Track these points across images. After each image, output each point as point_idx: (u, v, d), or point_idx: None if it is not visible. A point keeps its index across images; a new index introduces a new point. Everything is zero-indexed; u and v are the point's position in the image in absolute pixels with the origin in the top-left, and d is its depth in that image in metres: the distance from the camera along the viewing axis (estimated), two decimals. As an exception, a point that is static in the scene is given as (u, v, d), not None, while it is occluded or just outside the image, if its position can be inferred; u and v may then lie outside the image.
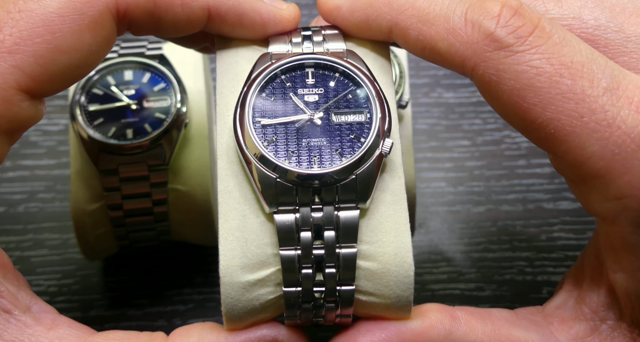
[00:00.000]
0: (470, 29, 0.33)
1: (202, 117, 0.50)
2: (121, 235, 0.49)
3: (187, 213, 0.50)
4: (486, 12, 0.33)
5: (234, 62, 0.37)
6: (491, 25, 0.32)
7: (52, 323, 0.34)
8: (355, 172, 0.33)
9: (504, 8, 0.33)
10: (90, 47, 0.34)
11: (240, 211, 0.34)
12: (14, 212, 0.57)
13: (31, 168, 0.59)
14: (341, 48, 0.37)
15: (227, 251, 0.34)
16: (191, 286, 0.54)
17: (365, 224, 0.34)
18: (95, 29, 0.34)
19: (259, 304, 0.34)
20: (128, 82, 0.49)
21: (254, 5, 0.36)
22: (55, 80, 0.34)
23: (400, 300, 0.34)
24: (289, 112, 0.35)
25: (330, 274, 0.34)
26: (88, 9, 0.33)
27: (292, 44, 0.37)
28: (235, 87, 0.37)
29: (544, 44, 0.32)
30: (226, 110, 0.36)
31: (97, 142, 0.46)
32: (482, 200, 0.58)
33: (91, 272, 0.54)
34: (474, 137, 0.61)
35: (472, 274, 0.55)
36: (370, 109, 0.35)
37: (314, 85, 0.36)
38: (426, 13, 0.34)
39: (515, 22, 0.32)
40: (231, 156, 0.35)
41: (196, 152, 0.49)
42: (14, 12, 0.33)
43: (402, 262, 0.34)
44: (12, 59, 0.32)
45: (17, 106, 0.33)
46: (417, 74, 0.64)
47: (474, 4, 0.33)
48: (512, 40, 0.32)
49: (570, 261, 0.55)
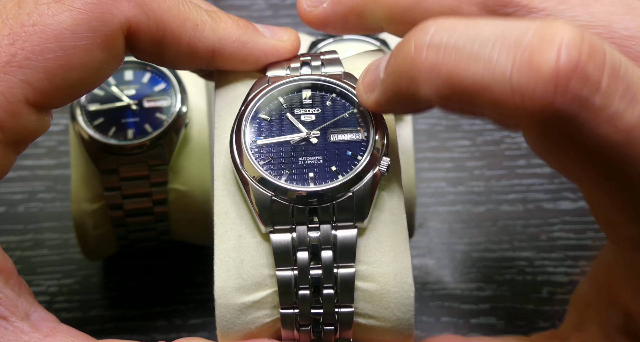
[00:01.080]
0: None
1: (202, 118, 0.50)
2: (121, 235, 0.49)
3: (187, 213, 0.50)
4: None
5: (233, 86, 0.38)
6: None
7: (50, 331, 0.33)
8: (352, 189, 0.33)
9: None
10: (100, 65, 0.34)
11: (237, 232, 0.34)
12: (14, 212, 0.57)
13: (31, 168, 0.59)
14: (339, 72, 0.37)
15: (222, 272, 0.33)
16: (191, 286, 0.54)
17: (364, 243, 0.34)
18: (107, 48, 0.33)
19: (255, 328, 0.33)
20: (128, 82, 0.49)
21: (257, 44, 0.36)
22: (64, 95, 0.34)
23: (401, 323, 0.33)
24: (285, 132, 0.35)
25: (328, 295, 0.33)
26: (102, 27, 0.33)
27: (290, 68, 0.37)
28: (233, 109, 0.37)
29: None
30: (224, 132, 0.36)
31: (98, 142, 0.46)
32: (482, 200, 0.58)
33: (91, 272, 0.54)
34: (474, 137, 0.61)
35: (472, 274, 0.55)
36: (368, 128, 0.35)
37: (311, 106, 0.35)
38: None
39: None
40: (228, 177, 0.35)
41: (196, 152, 0.49)
42: (28, 26, 0.32)
43: (402, 282, 0.33)
44: (22, 73, 0.32)
45: (24, 119, 0.33)
46: (417, 74, 0.64)
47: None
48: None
49: (570, 260, 0.55)
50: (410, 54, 0.29)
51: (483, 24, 0.28)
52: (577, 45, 0.26)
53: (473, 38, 0.28)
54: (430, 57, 0.28)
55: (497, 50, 0.27)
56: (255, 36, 0.37)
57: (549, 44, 0.26)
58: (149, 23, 0.34)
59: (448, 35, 0.28)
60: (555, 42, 0.26)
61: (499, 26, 0.27)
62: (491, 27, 0.28)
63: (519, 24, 0.27)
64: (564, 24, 0.26)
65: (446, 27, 0.29)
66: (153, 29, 0.34)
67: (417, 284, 0.54)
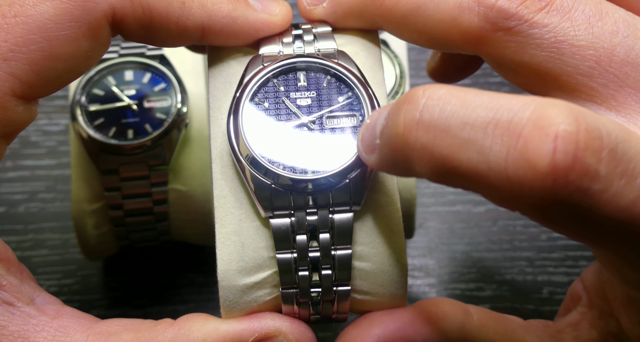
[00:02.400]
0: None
1: (202, 118, 0.50)
2: (122, 235, 0.49)
3: (187, 213, 0.50)
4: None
5: (226, 64, 0.38)
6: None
7: (56, 313, 0.34)
8: (349, 176, 0.34)
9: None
10: (86, 53, 0.34)
11: (237, 216, 0.35)
12: (15, 212, 0.57)
13: (32, 168, 0.59)
14: (332, 48, 0.37)
15: (224, 256, 0.34)
16: (191, 286, 0.54)
17: (359, 225, 0.35)
18: (91, 36, 0.33)
19: (256, 306, 0.34)
20: (128, 82, 0.49)
21: (247, 19, 0.36)
22: (50, 85, 0.34)
23: (395, 298, 0.35)
24: (282, 118, 0.35)
25: (326, 275, 0.34)
26: (85, 16, 0.33)
27: (283, 44, 0.37)
28: (228, 89, 0.37)
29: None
30: (219, 114, 0.36)
31: (98, 142, 0.46)
32: (483, 200, 0.58)
33: (91, 272, 0.55)
34: (474, 137, 0.61)
35: (472, 274, 0.55)
36: (362, 112, 0.35)
37: (306, 89, 0.36)
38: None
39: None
40: (225, 160, 0.35)
41: (196, 153, 0.49)
42: (10, 17, 0.32)
43: (397, 262, 0.35)
44: (7, 66, 0.32)
45: (12, 111, 0.33)
46: (417, 74, 0.64)
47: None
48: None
49: (570, 261, 0.55)
50: (400, 131, 0.28)
51: (475, 99, 0.27)
52: (573, 136, 0.25)
53: (465, 119, 0.27)
54: (421, 137, 0.27)
55: (491, 137, 0.26)
56: (246, 11, 0.36)
57: (545, 135, 0.25)
58: (134, 7, 0.34)
59: (439, 112, 0.27)
60: (550, 133, 0.25)
61: (492, 105, 0.26)
62: (483, 108, 0.27)
63: (512, 104, 0.26)
64: (559, 109, 0.26)
65: (436, 100, 0.27)
66: (139, 13, 0.34)
67: (418, 284, 0.54)
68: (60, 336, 0.33)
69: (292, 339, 0.34)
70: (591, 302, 0.37)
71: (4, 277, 0.33)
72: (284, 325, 0.34)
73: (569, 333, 0.36)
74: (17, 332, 0.33)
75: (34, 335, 0.33)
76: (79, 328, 0.34)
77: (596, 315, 0.36)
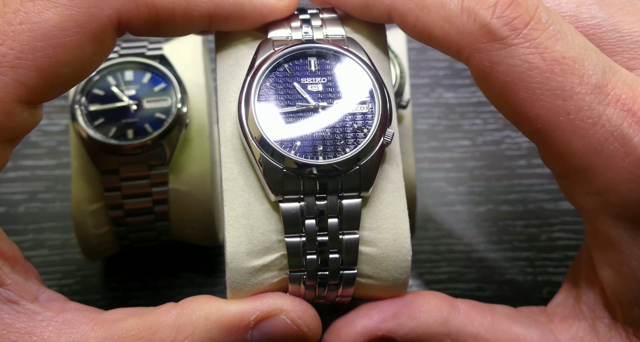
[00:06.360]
0: (465, 18, 0.33)
1: (202, 118, 0.50)
2: (122, 235, 0.49)
3: (187, 213, 0.50)
4: (482, 0, 0.32)
5: (234, 47, 0.38)
6: (487, 15, 0.32)
7: (60, 308, 0.35)
8: (359, 163, 0.34)
9: None
10: (91, 58, 0.34)
11: (246, 199, 0.35)
12: (15, 213, 0.57)
13: (32, 168, 0.59)
14: (340, 34, 0.37)
15: (233, 238, 0.35)
16: (191, 286, 0.54)
17: (366, 211, 0.35)
18: (96, 42, 0.34)
19: (262, 287, 0.35)
20: (128, 82, 0.49)
21: (255, 6, 0.36)
22: (55, 89, 0.34)
23: (397, 283, 0.36)
24: (293, 103, 0.35)
25: (334, 259, 0.35)
26: (90, 23, 0.33)
27: (292, 28, 0.37)
28: (237, 72, 0.37)
29: (538, 37, 0.32)
30: (228, 97, 0.36)
31: (98, 142, 0.46)
32: (483, 200, 0.58)
33: (92, 273, 0.55)
34: (475, 137, 0.61)
35: (472, 274, 0.55)
36: (373, 99, 0.35)
37: (317, 75, 0.36)
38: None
39: (512, 12, 0.32)
40: (235, 144, 0.36)
41: (197, 153, 0.49)
42: (16, 25, 0.32)
43: (401, 247, 0.36)
44: (13, 73, 0.32)
45: (18, 117, 0.33)
46: (418, 74, 0.64)
47: None
48: (506, 33, 0.32)
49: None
50: None
51: None
52: None
53: None
54: None
55: None
56: None
57: None
58: (139, 8, 0.34)
59: None
60: None
61: None
62: None
63: None
64: None
65: None
66: (144, 13, 0.34)
67: (418, 284, 0.54)
68: (66, 329, 0.34)
69: (294, 316, 0.34)
70: (577, 277, 0.38)
71: (8, 275, 0.34)
72: (285, 303, 0.34)
73: (559, 313, 0.37)
74: (24, 329, 0.33)
75: (41, 330, 0.33)
76: (84, 320, 0.34)
77: (582, 290, 0.37)
